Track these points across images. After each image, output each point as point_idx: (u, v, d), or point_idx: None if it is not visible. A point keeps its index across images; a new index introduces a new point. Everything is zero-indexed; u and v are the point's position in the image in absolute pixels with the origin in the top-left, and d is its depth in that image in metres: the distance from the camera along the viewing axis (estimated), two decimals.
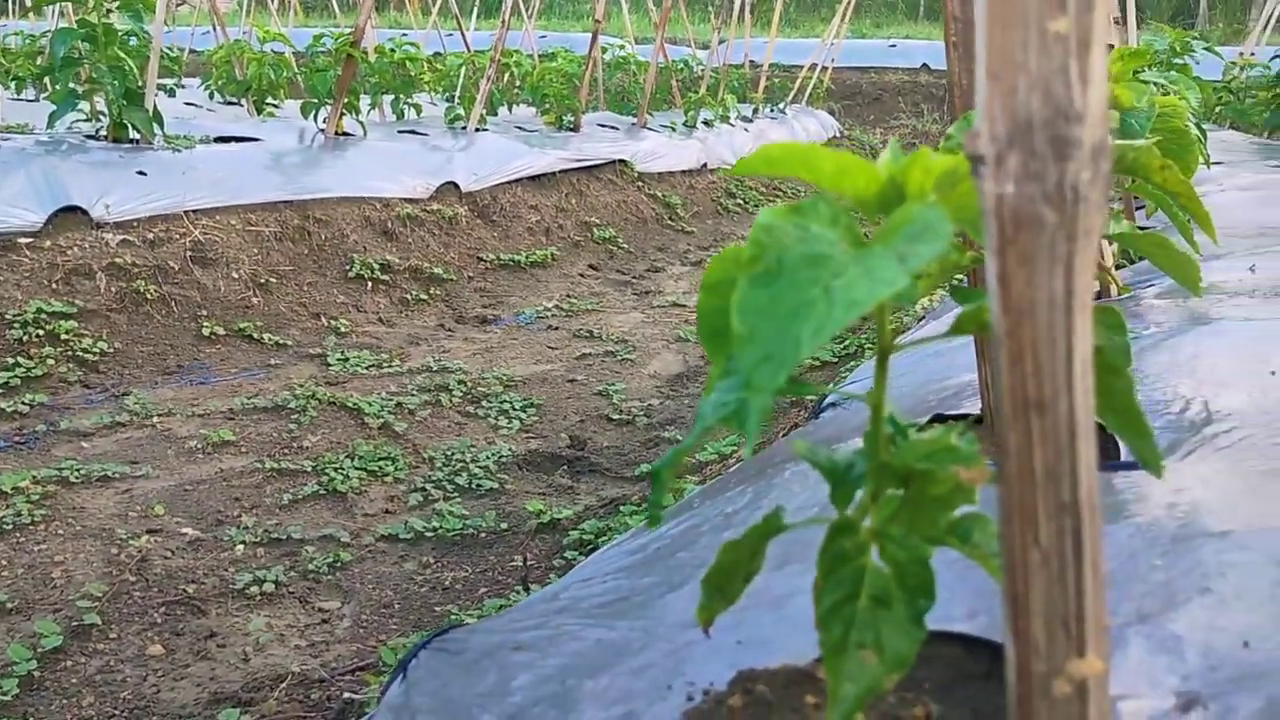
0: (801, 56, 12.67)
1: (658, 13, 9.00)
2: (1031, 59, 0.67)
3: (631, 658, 1.06)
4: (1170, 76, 2.54)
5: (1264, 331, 1.91)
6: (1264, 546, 1.10)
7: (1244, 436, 1.44)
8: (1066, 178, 0.68)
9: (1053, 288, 0.70)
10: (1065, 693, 0.75)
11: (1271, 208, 3.94)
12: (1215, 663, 0.95)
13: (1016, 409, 0.72)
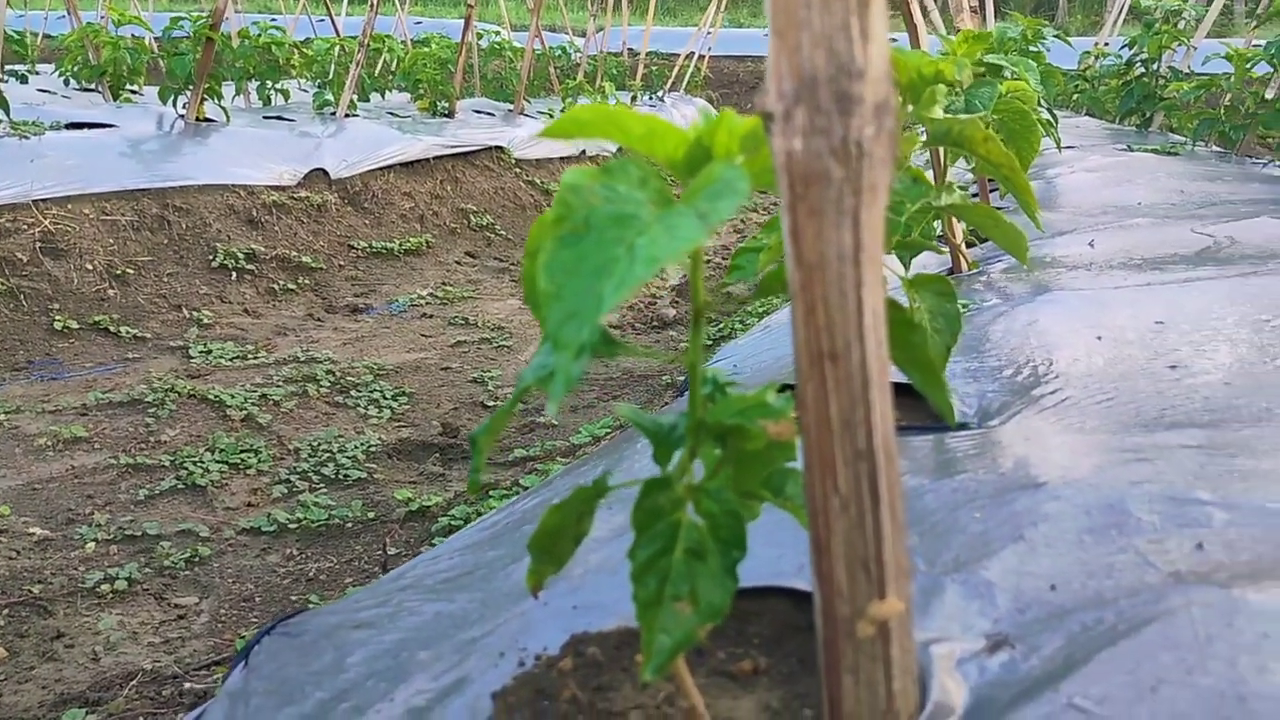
0: (679, 45, 12.75)
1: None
2: (815, 16, 0.69)
3: (468, 629, 1.06)
4: (1013, 59, 2.63)
5: (1095, 300, 2.01)
6: (1074, 497, 1.16)
7: (1066, 398, 1.51)
8: (851, 133, 0.70)
9: (841, 241, 0.72)
10: (868, 634, 0.78)
11: (1115, 187, 4.13)
12: (1024, 605, 1.00)
13: (811, 360, 0.74)
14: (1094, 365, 1.63)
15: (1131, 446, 1.29)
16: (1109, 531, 1.09)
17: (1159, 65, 7.29)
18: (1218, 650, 0.87)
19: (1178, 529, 1.08)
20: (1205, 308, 1.83)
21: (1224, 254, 2.41)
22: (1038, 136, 2.64)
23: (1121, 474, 1.20)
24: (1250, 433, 1.30)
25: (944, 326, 1.45)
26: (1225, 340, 1.65)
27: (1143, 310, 1.85)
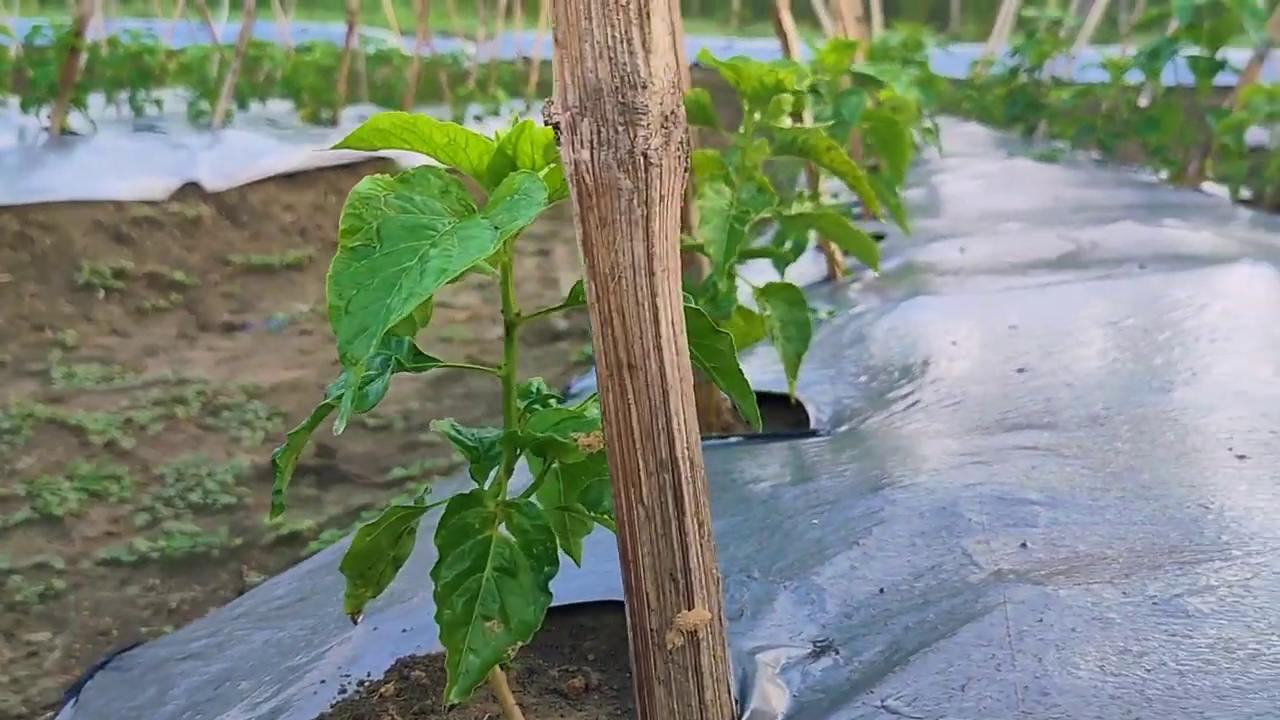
0: None
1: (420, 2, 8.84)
2: (596, 27, 0.68)
3: (294, 656, 1.02)
4: (881, 69, 2.69)
5: (957, 306, 2.05)
6: (910, 501, 1.18)
7: (916, 402, 1.54)
8: (638, 144, 0.69)
9: (634, 251, 0.71)
10: (677, 644, 0.78)
11: (995, 194, 4.25)
12: (852, 610, 1.01)
13: (610, 371, 0.74)
14: (947, 370, 1.66)
15: (971, 449, 1.32)
16: (940, 534, 1.11)
17: (1041, 73, 7.55)
18: (1027, 646, 0.89)
19: (1005, 529, 1.10)
20: (1058, 311, 1.88)
21: (1085, 258, 2.49)
22: (907, 145, 2.71)
23: (958, 477, 1.23)
24: (1084, 433, 1.33)
25: (795, 334, 1.47)
26: (1073, 343, 1.71)
27: (999, 314, 1.90)
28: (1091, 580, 0.98)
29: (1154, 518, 1.10)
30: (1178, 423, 1.35)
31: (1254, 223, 3.15)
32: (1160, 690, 0.84)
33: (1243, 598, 0.94)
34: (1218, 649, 0.88)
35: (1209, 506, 1.12)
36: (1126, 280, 2.07)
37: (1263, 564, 0.99)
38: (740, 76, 1.44)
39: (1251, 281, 1.89)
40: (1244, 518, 1.08)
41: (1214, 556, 1.01)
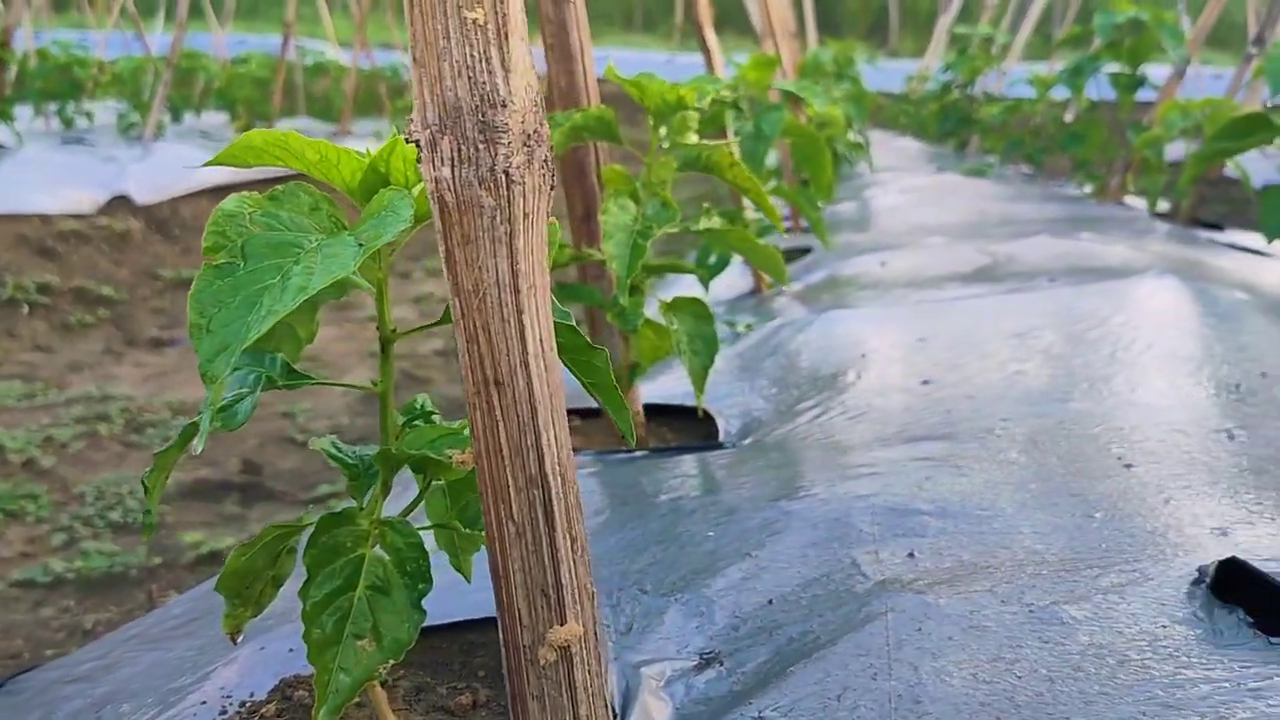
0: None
1: (358, 14, 8.79)
2: (454, 47, 0.69)
3: (179, 678, 1.01)
4: (801, 85, 2.72)
5: (871, 319, 2.08)
6: (805, 512, 1.20)
7: (822, 414, 1.56)
8: (499, 162, 0.70)
9: (498, 269, 0.72)
10: (550, 660, 0.78)
11: (922, 208, 4.31)
12: (740, 622, 1.02)
13: (477, 388, 0.74)
14: (854, 382, 1.68)
15: (869, 461, 1.34)
16: (831, 544, 1.12)
17: (974, 89, 7.68)
18: (904, 655, 0.90)
19: (894, 539, 1.12)
20: (966, 324, 1.92)
21: (1000, 272, 2.54)
22: (828, 160, 2.74)
23: (853, 488, 1.24)
24: (979, 444, 1.36)
25: (702, 348, 1.48)
26: (977, 355, 1.74)
27: (910, 328, 1.93)
28: (973, 589, 1.00)
29: (1039, 527, 1.13)
30: (1071, 433, 1.38)
31: (1168, 235, 3.23)
32: (1029, 697, 0.85)
33: (1116, 604, 0.97)
34: (1088, 655, 0.90)
35: (1093, 515, 1.15)
36: (1035, 293, 2.11)
37: (1137, 571, 1.02)
38: (644, 94, 1.45)
39: (1154, 293, 1.94)
40: (1124, 526, 1.11)
41: (1093, 565, 1.04)
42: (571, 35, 1.56)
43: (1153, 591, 0.98)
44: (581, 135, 1.44)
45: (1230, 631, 0.91)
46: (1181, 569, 1.02)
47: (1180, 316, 1.82)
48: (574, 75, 1.57)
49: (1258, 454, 1.31)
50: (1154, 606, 0.96)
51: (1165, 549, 1.06)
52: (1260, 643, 0.89)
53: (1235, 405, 1.47)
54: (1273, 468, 1.26)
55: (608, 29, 22.65)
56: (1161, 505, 1.16)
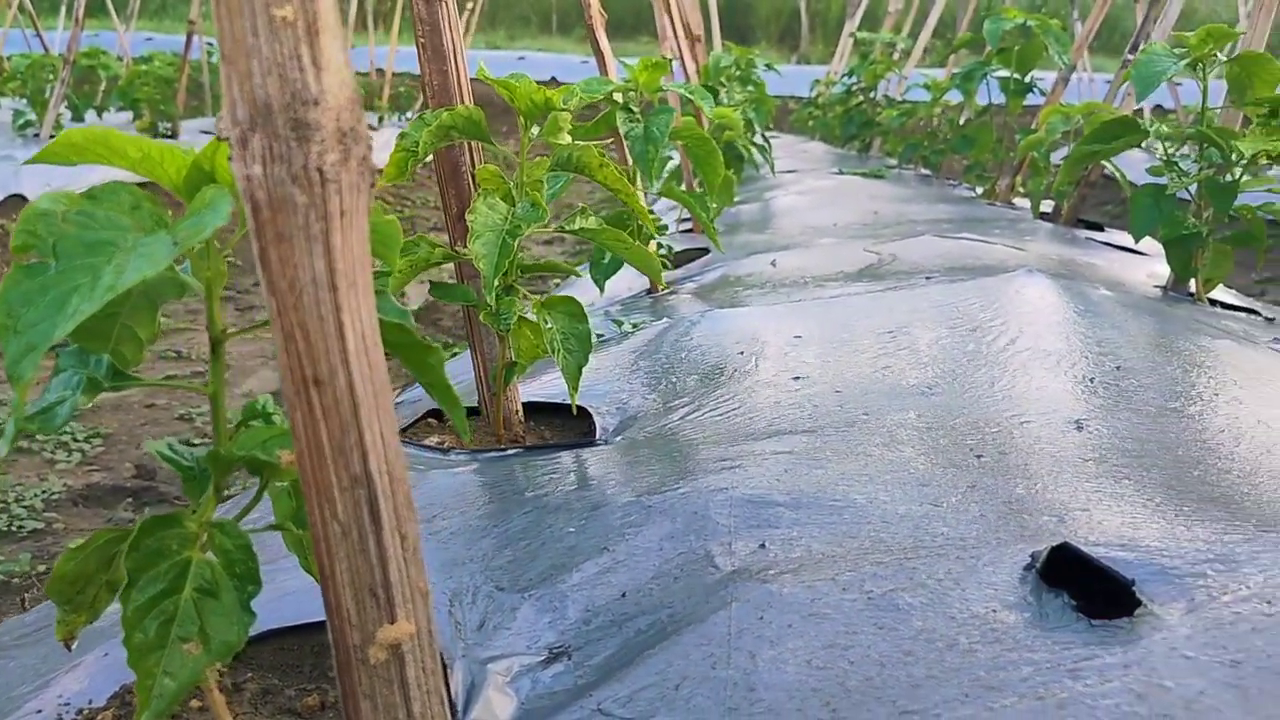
0: None
1: None
2: (263, 44, 0.68)
3: (21, 686, 0.99)
4: (692, 89, 2.75)
5: (754, 317, 2.11)
6: (665, 505, 1.21)
7: (695, 410, 1.58)
8: (311, 160, 0.70)
9: (314, 267, 0.72)
10: (381, 659, 0.78)
11: (820, 209, 4.39)
12: (592, 615, 1.03)
13: (297, 387, 0.74)
14: (729, 379, 1.71)
15: (734, 455, 1.36)
16: (688, 537, 1.14)
17: (876, 93, 7.83)
18: (744, 644, 0.92)
19: (749, 530, 1.14)
20: (842, 322, 1.96)
21: (882, 270, 2.60)
22: (720, 162, 2.77)
23: (715, 481, 1.26)
24: (841, 437, 1.39)
25: (576, 347, 1.49)
26: (849, 351, 1.78)
27: (789, 326, 1.96)
28: (817, 578, 1.03)
29: (888, 516, 1.16)
30: (929, 426, 1.42)
31: (1049, 235, 3.34)
32: (859, 681, 0.88)
33: (951, 591, 1.00)
34: (919, 640, 0.93)
35: (940, 505, 1.18)
36: (910, 291, 2.17)
37: (976, 558, 1.06)
38: (513, 94, 1.45)
39: (1021, 290, 2.00)
40: (967, 515, 1.15)
41: (934, 553, 1.07)
42: (444, 35, 1.56)
43: (988, 578, 1.02)
44: (450, 135, 1.44)
45: (1056, 615, 0.95)
46: (1017, 555, 1.05)
47: (1043, 312, 1.88)
48: (447, 75, 1.56)
49: (1102, 444, 1.36)
50: (987, 592, 1.00)
51: (1004, 536, 1.10)
52: (1082, 625, 0.93)
53: (1087, 397, 1.53)
54: (1114, 457, 1.32)
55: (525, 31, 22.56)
56: (1005, 494, 1.21)
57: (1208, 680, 0.85)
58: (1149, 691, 0.84)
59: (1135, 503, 1.17)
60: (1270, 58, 2.54)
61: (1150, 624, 0.92)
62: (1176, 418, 1.45)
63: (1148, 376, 1.62)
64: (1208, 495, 1.19)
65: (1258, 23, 2.68)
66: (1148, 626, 0.92)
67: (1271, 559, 1.01)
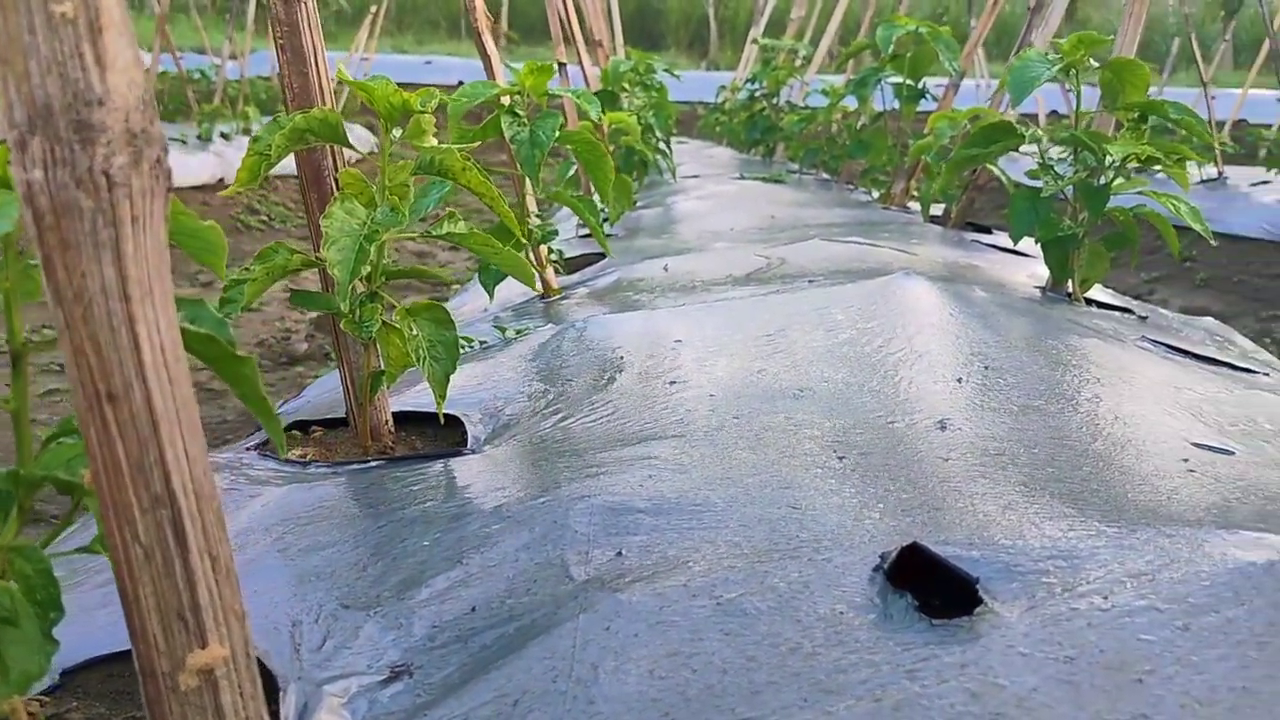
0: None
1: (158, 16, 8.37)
2: (41, 42, 0.64)
3: None
4: (578, 93, 2.73)
5: (638, 322, 2.09)
6: (525, 516, 1.19)
7: (569, 418, 1.56)
8: (97, 163, 0.66)
9: (104, 275, 0.68)
10: (192, 685, 0.74)
11: (719, 214, 4.41)
12: (438, 631, 1.00)
13: (89, 402, 0.70)
14: (606, 385, 1.69)
15: (601, 462, 1.35)
16: (544, 547, 1.12)
17: (779, 99, 7.92)
18: (588, 655, 0.91)
19: (607, 538, 1.13)
20: (722, 326, 1.96)
21: (769, 274, 2.62)
22: (610, 168, 2.76)
23: (579, 489, 1.25)
24: (706, 442, 1.39)
25: (443, 354, 1.46)
26: (726, 355, 1.78)
27: (670, 330, 1.96)
28: (668, 584, 1.02)
29: (746, 520, 1.15)
30: (797, 428, 1.43)
31: (937, 238, 3.41)
32: (700, 690, 0.87)
33: (800, 594, 1.00)
34: (764, 645, 0.93)
35: (798, 507, 1.19)
36: (793, 294, 2.18)
37: (828, 560, 1.06)
38: (372, 97, 1.42)
39: (898, 292, 2.03)
40: (824, 517, 1.15)
41: (788, 555, 1.07)
42: (304, 37, 1.52)
43: (837, 580, 1.02)
44: (306, 138, 1.40)
45: (899, 616, 0.96)
46: (868, 556, 1.06)
47: (917, 314, 1.91)
48: (307, 77, 1.52)
49: (963, 443, 1.38)
50: (835, 594, 1.00)
51: (858, 538, 1.11)
52: (924, 625, 0.94)
53: (954, 397, 1.55)
54: (972, 456, 1.34)
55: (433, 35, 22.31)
56: (864, 496, 1.21)
57: (1041, 677, 0.86)
58: (984, 690, 0.85)
59: (989, 501, 1.19)
60: (1140, 63, 2.62)
61: (990, 622, 0.93)
62: (1037, 416, 1.48)
63: (1014, 376, 1.65)
64: (1059, 492, 1.22)
65: (1128, 29, 2.77)
66: (987, 625, 0.93)
67: (1112, 554, 1.03)
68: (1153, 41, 18.41)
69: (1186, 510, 1.16)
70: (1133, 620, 0.92)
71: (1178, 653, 0.88)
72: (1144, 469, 1.31)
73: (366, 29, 11.67)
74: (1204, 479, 1.28)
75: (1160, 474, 1.29)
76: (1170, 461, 1.34)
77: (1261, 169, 8.58)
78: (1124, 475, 1.28)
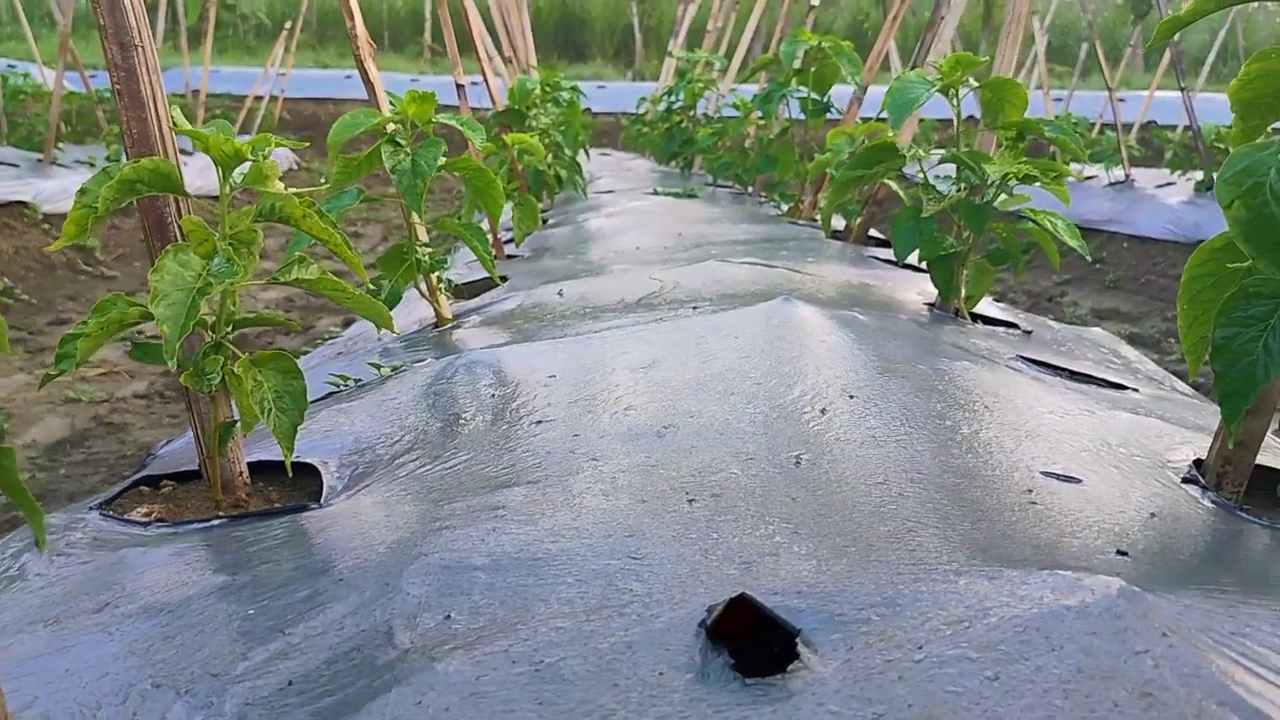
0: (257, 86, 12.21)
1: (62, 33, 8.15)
2: None
3: None
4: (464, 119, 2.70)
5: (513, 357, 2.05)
6: (358, 579, 1.16)
7: (424, 465, 1.54)
8: None
9: None
10: None
11: (628, 233, 4.40)
12: (249, 709, 0.97)
13: None
14: (469, 428, 1.67)
15: (449, 514, 1.32)
16: (373, 612, 1.10)
17: (695, 111, 7.95)
18: None
19: (440, 599, 1.10)
20: (597, 359, 1.95)
21: (659, 299, 2.61)
22: (499, 192, 2.74)
23: (419, 546, 1.22)
24: (559, 488, 1.37)
25: (290, 405, 1.43)
26: (596, 390, 1.76)
27: (545, 365, 1.94)
28: (491, 650, 1.00)
29: (584, 574, 1.14)
30: (653, 470, 1.42)
31: (836, 254, 3.43)
32: None
33: (622, 655, 0.99)
34: (577, 713, 0.91)
35: (639, 557, 1.17)
36: (674, 322, 2.18)
37: (655, 616, 1.05)
38: (207, 145, 1.39)
39: (775, 319, 2.03)
40: (661, 568, 1.14)
41: (617, 612, 1.06)
42: (141, 81, 1.47)
43: (662, 637, 1.01)
44: (136, 189, 1.36)
45: (716, 675, 0.95)
46: (697, 610, 1.05)
47: (791, 342, 1.91)
48: (146, 123, 1.48)
49: (815, 479, 1.38)
50: (658, 653, 0.98)
51: (691, 589, 1.10)
52: (738, 684, 0.93)
53: (814, 429, 1.55)
54: (823, 493, 1.33)
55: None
56: (706, 542, 1.20)
57: None
58: None
59: (827, 543, 1.19)
60: (1017, 83, 2.66)
61: (804, 679, 0.93)
62: (892, 448, 1.48)
63: (878, 405, 1.66)
64: (898, 531, 1.22)
65: (1005, 50, 2.82)
66: (800, 682, 0.92)
67: (933, 600, 1.03)
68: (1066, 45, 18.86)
69: (1016, 549, 1.17)
70: (943, 671, 0.92)
71: (984, 705, 0.88)
72: (987, 503, 1.32)
73: (282, 44, 11.49)
74: (1044, 512, 1.30)
75: (1002, 508, 1.30)
76: (1014, 494, 1.35)
77: (1168, 171, 8.83)
78: (965, 511, 1.29)
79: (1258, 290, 1.34)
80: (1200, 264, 1.45)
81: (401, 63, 19.95)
